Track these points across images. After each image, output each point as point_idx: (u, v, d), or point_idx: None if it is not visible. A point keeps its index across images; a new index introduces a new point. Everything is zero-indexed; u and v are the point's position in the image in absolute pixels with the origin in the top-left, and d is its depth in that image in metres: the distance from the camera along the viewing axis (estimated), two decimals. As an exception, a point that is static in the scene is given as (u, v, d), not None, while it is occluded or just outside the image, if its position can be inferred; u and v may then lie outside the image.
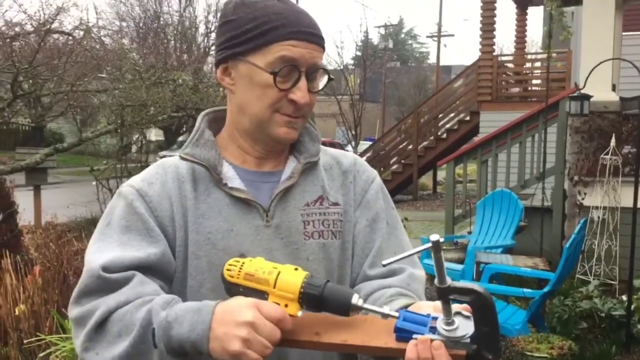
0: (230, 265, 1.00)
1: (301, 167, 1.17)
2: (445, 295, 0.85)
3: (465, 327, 0.88)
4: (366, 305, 0.94)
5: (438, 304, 0.93)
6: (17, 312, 3.84)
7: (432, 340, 0.88)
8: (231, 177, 1.14)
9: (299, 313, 0.95)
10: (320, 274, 1.14)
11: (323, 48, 1.13)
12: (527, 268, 4.72)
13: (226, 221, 1.11)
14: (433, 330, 0.89)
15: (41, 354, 3.25)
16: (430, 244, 0.83)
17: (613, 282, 5.43)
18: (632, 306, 4.27)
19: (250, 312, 0.92)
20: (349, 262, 1.20)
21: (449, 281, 0.84)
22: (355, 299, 0.94)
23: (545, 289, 3.95)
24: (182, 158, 1.14)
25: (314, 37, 1.10)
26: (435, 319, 0.91)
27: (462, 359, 0.87)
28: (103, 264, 1.02)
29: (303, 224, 1.15)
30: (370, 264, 1.19)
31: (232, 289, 0.99)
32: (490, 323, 0.86)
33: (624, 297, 4.48)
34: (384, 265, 0.94)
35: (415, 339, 0.89)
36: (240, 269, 0.98)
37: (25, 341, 3.58)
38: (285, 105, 1.10)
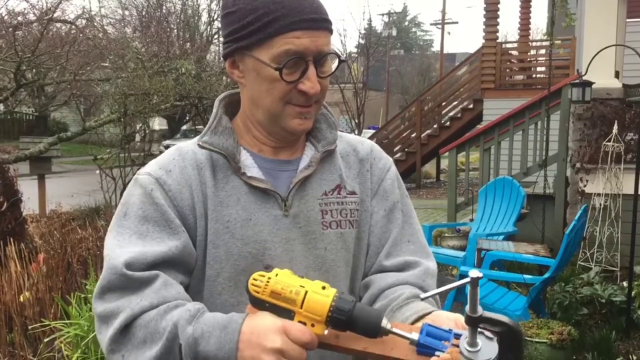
0: (255, 279, 0.96)
1: (319, 156, 1.15)
2: (475, 323, 0.84)
3: (488, 350, 0.85)
4: (395, 330, 0.92)
5: (459, 318, 0.92)
6: (22, 299, 3.89)
7: None
8: (249, 165, 1.12)
9: (325, 332, 0.93)
10: (338, 264, 1.14)
11: (330, 31, 1.08)
12: (528, 255, 4.73)
13: (245, 210, 1.09)
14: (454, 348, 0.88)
15: (46, 339, 3.29)
16: (469, 279, 0.82)
17: (614, 269, 5.44)
18: (633, 292, 4.29)
19: (279, 338, 0.90)
20: (363, 251, 1.19)
21: (480, 311, 0.83)
22: (385, 322, 0.91)
23: (545, 275, 3.96)
24: (200, 146, 1.12)
25: (318, 23, 1.05)
26: (457, 336, 0.88)
27: None
28: (126, 261, 1.00)
29: (321, 214, 1.13)
30: (387, 254, 1.18)
31: (257, 303, 0.96)
32: (516, 353, 0.85)
33: (625, 284, 4.49)
34: (422, 299, 0.94)
35: (437, 356, 0.88)
36: (267, 285, 0.95)
37: (30, 327, 3.63)
38: (296, 96, 1.07)
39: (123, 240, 1.05)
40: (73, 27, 9.52)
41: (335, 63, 1.11)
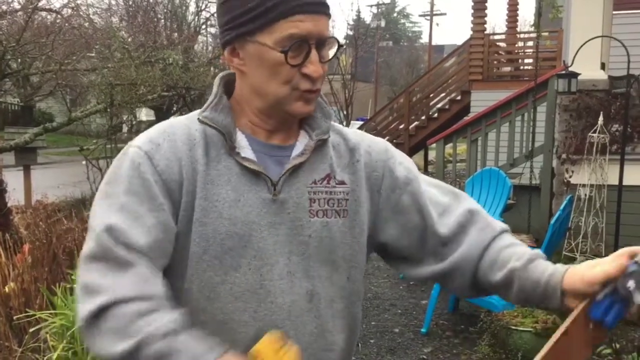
0: (262, 348, 0.95)
1: (313, 144, 1.15)
2: None
3: None
4: None
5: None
6: (7, 290, 3.86)
7: None
8: (244, 146, 1.13)
9: None
10: (320, 251, 1.15)
11: (329, 16, 1.10)
12: (514, 245, 4.76)
13: (234, 190, 1.10)
14: None
15: (31, 330, 3.28)
16: None
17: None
18: (617, 282, 4.33)
19: None
20: (357, 239, 1.19)
21: None
22: None
23: (531, 265, 3.99)
24: (200, 121, 1.12)
25: (320, 7, 1.07)
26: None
27: None
28: (109, 226, 1.02)
29: (309, 202, 1.14)
30: (437, 224, 1.19)
31: None
32: None
33: (609, 273, 4.54)
34: None
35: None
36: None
37: (15, 317, 3.61)
38: (300, 80, 1.08)
39: (108, 211, 1.05)
40: (58, 16, 9.42)
41: (335, 48, 1.12)
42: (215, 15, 1.15)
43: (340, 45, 1.12)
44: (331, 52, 1.11)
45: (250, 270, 1.10)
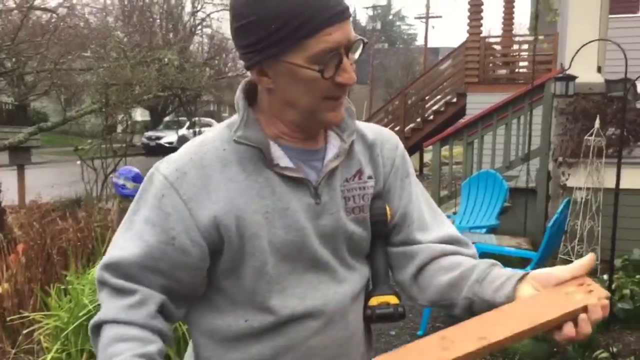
0: None
1: (347, 146, 1.17)
2: None
3: None
4: None
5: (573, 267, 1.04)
6: (0, 290, 3.83)
7: None
8: (280, 156, 1.12)
9: None
10: (361, 248, 1.21)
11: (351, 15, 1.09)
12: (510, 248, 4.76)
13: (281, 200, 1.10)
14: None
15: (25, 331, 3.24)
16: None
17: (595, 262, 5.49)
18: (613, 285, 4.33)
19: None
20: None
21: None
22: None
23: (527, 268, 3.99)
24: (236, 142, 1.10)
25: (343, 14, 1.04)
26: None
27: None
28: (112, 260, 1.09)
29: (344, 200, 1.16)
30: (419, 229, 1.24)
31: None
32: None
33: (605, 277, 4.54)
34: None
35: None
36: None
37: (8, 318, 3.57)
38: (332, 89, 1.07)
39: (126, 238, 1.11)
40: (54, 15, 9.38)
41: (360, 47, 1.10)
42: (231, 36, 1.11)
43: (365, 43, 1.10)
44: (358, 53, 1.10)
45: (306, 271, 1.14)
